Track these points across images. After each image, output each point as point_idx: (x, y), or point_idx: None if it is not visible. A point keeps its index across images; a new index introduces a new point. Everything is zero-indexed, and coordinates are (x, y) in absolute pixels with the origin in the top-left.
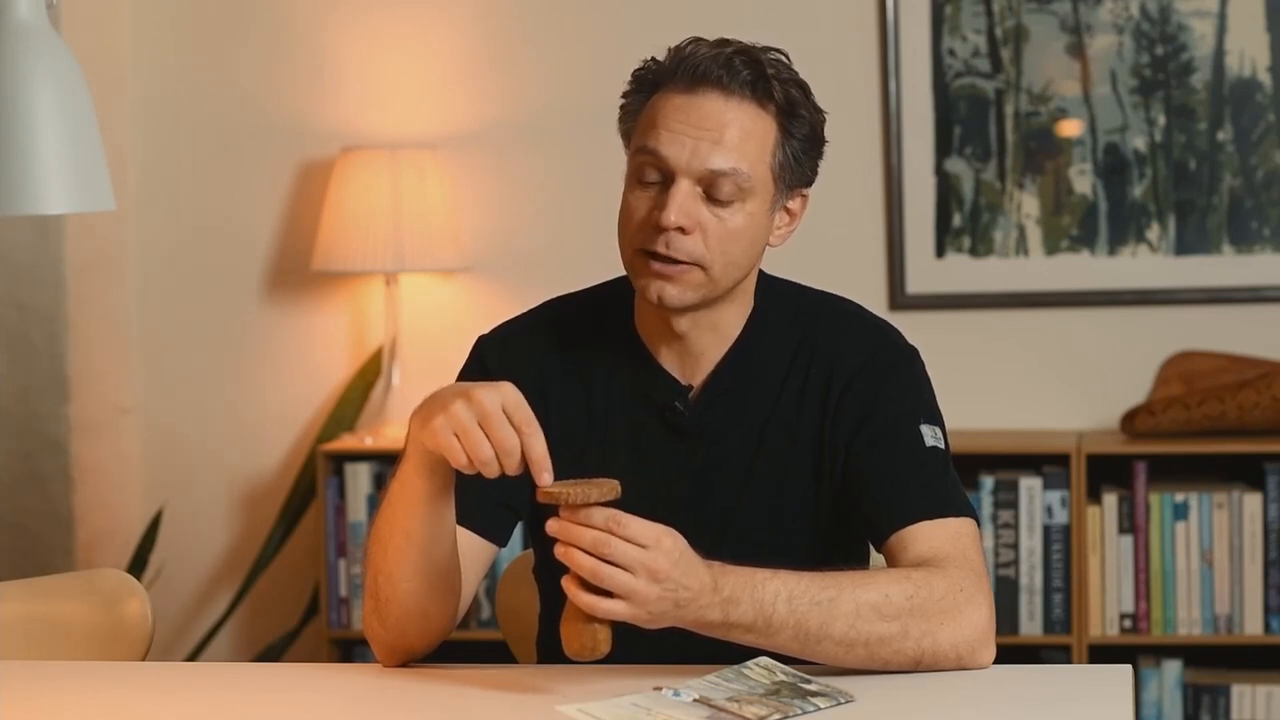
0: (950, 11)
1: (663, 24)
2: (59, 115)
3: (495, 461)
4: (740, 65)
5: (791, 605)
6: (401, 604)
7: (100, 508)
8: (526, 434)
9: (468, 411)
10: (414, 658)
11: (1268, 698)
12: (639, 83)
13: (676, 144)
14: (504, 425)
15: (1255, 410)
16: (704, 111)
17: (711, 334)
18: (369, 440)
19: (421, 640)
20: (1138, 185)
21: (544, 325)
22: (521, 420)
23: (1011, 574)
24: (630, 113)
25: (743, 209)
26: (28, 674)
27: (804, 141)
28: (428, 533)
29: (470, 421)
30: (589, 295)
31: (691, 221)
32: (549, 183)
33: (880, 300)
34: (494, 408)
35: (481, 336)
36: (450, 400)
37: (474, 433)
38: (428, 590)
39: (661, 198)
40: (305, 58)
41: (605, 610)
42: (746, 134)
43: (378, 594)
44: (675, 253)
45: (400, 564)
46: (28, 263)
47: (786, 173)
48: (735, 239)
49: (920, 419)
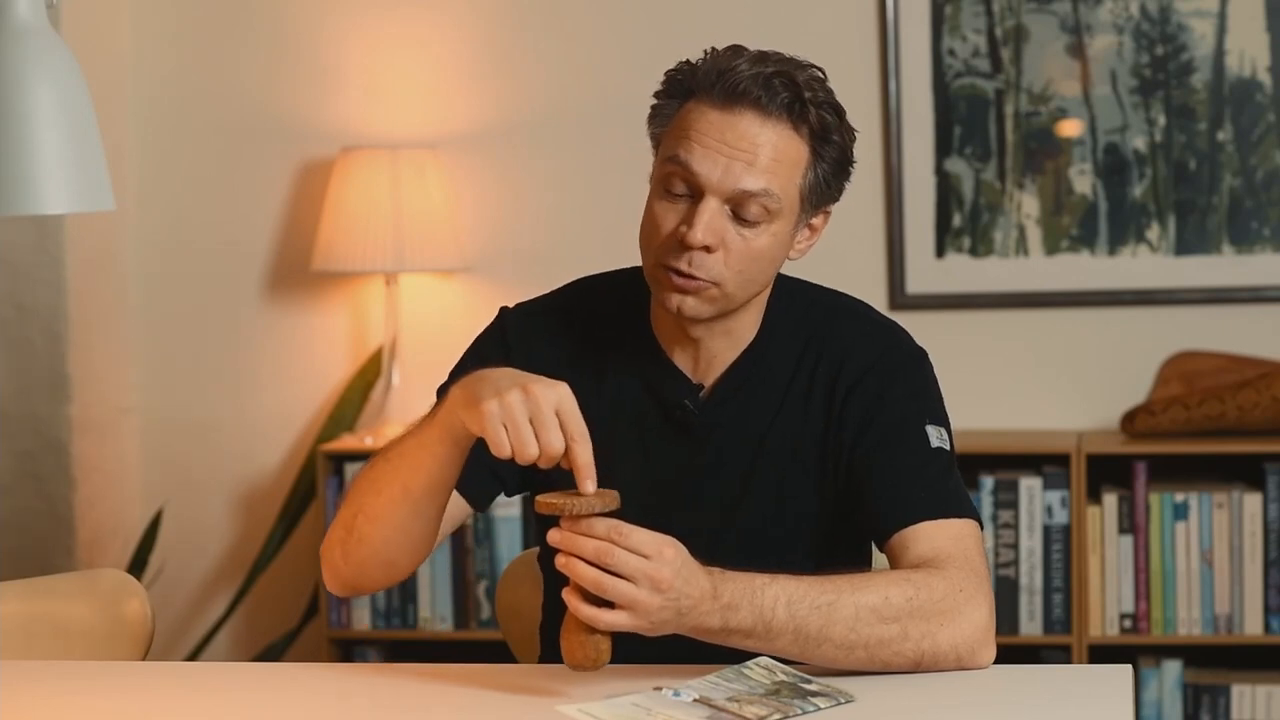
0: (950, 11)
1: (663, 25)
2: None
3: (536, 459)
4: (779, 86)
5: (791, 610)
6: (373, 547)
7: (100, 508)
8: (575, 441)
9: (523, 406)
10: (363, 594)
11: (1268, 698)
12: (673, 86)
13: (709, 160)
14: (555, 429)
15: (1255, 410)
16: (739, 131)
17: (726, 339)
18: (369, 440)
19: (375, 584)
20: (1138, 185)
21: (567, 309)
22: (573, 428)
23: (1011, 574)
24: (662, 116)
25: (768, 229)
26: (28, 674)
27: (833, 164)
28: (427, 495)
29: (523, 417)
30: (613, 284)
31: (717, 240)
32: (549, 183)
33: (880, 300)
34: (549, 409)
35: (505, 308)
36: (507, 389)
37: (524, 429)
38: (402, 543)
39: (689, 213)
40: (305, 58)
41: (608, 623)
42: (779, 156)
43: (353, 530)
44: (696, 270)
45: (387, 512)
46: (28, 263)
47: (814, 194)
48: (756, 259)
49: (926, 420)
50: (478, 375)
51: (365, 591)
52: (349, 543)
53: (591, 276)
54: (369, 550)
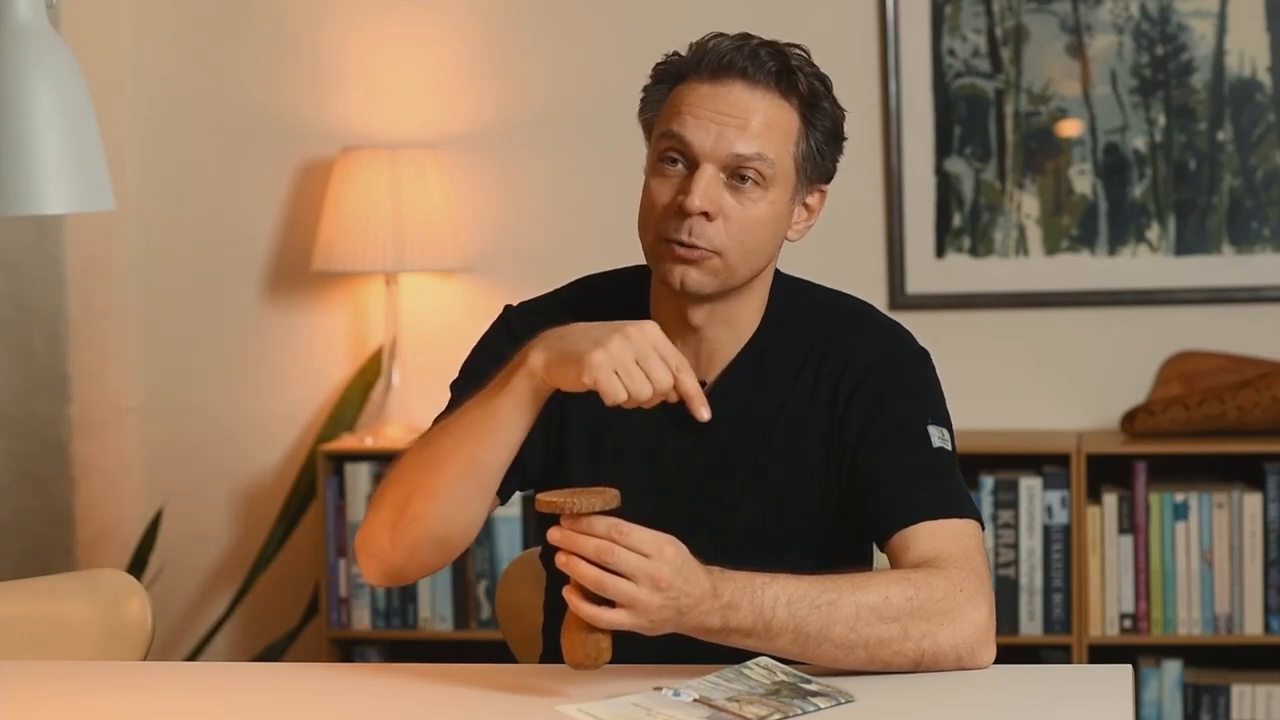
0: (950, 11)
1: (663, 25)
2: (59, 115)
3: (653, 398)
4: (765, 56)
5: (791, 609)
6: (428, 526)
7: (100, 508)
8: (680, 371)
9: (627, 348)
10: (406, 582)
11: (1268, 698)
12: (661, 74)
13: (702, 129)
14: (661, 364)
15: (1255, 410)
16: (729, 99)
17: (726, 329)
18: (369, 440)
19: (424, 567)
20: (1138, 185)
21: (569, 307)
22: (674, 360)
23: (1011, 574)
24: (652, 102)
25: (765, 197)
26: (28, 674)
27: (826, 135)
28: (496, 464)
29: (629, 359)
30: (614, 282)
31: (715, 207)
32: (549, 183)
33: (880, 300)
34: (649, 347)
35: (509, 306)
36: (605, 338)
37: (635, 371)
38: (460, 519)
39: (685, 183)
40: (305, 58)
41: (609, 621)
42: (771, 122)
43: (406, 510)
44: (697, 239)
45: (452, 487)
46: (28, 263)
47: (808, 164)
48: (757, 227)
49: (928, 420)
50: (557, 333)
51: (411, 578)
52: (399, 524)
53: (592, 275)
54: (422, 529)
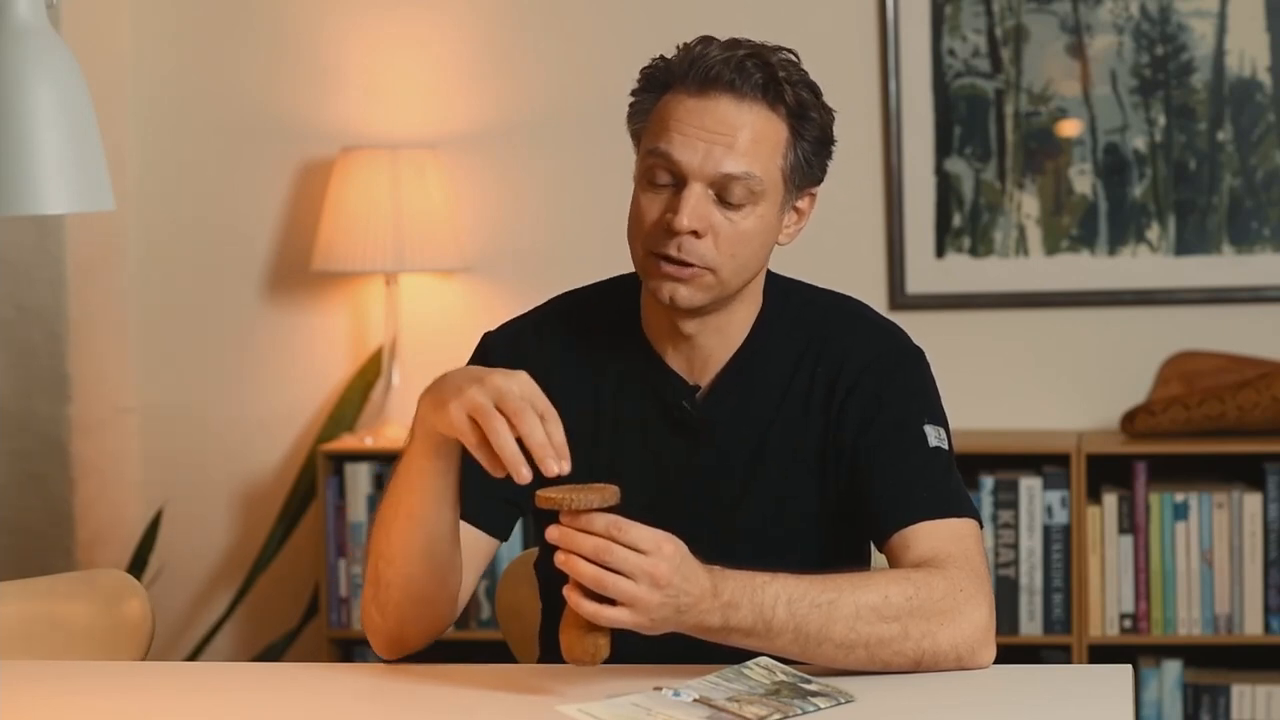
0: (950, 11)
1: (663, 25)
2: (59, 115)
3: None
4: (752, 68)
5: (791, 609)
6: (402, 588)
7: (100, 508)
8: (547, 420)
9: (483, 395)
10: (412, 650)
11: (1268, 698)
12: (648, 81)
13: (689, 148)
14: (529, 413)
15: (1255, 410)
16: (717, 115)
17: (719, 336)
18: (369, 440)
19: (421, 630)
20: (1138, 185)
21: (551, 323)
22: (541, 407)
23: (1011, 574)
24: (640, 112)
25: (754, 212)
26: (28, 674)
27: (814, 143)
28: (432, 513)
29: (489, 405)
30: (596, 292)
31: (704, 225)
32: (549, 183)
33: (880, 300)
34: (515, 394)
35: (487, 333)
36: (466, 385)
37: (494, 418)
38: (429, 574)
39: (674, 201)
40: (305, 58)
41: (608, 619)
42: (758, 137)
43: (378, 579)
44: (687, 255)
45: (403, 545)
46: (28, 263)
47: (797, 174)
48: (746, 242)
49: (925, 419)
50: (439, 379)
51: (415, 644)
52: (380, 595)
53: (575, 290)
54: (400, 594)
